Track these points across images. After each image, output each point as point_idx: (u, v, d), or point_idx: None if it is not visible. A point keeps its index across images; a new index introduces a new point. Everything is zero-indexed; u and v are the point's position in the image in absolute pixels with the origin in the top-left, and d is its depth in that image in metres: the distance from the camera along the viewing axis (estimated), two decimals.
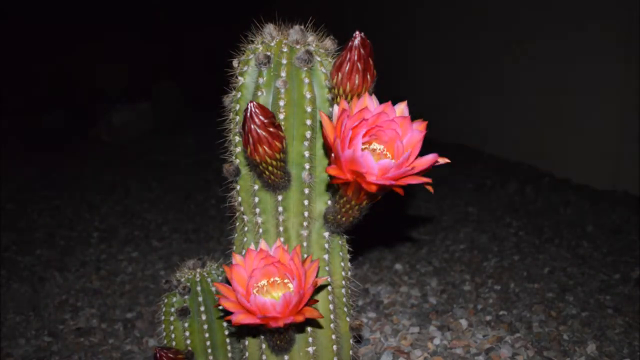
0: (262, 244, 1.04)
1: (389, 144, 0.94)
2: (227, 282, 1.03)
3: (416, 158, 0.91)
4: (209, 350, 1.37)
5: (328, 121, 0.94)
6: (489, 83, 4.02)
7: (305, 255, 1.15)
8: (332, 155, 0.94)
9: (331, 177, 0.97)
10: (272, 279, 1.01)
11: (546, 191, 3.31)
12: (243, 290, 0.98)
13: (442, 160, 0.93)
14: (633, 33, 2.93)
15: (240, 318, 0.95)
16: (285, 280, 1.01)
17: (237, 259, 1.02)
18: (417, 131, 0.92)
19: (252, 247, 1.13)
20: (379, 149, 0.94)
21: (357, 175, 0.90)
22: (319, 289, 1.17)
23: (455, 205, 3.21)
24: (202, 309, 1.36)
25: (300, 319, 0.97)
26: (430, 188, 0.95)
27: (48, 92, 6.39)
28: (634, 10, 2.91)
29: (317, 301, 1.09)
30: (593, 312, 1.97)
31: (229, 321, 1.15)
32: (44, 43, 6.38)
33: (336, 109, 0.95)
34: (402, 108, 0.95)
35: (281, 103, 1.06)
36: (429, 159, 0.91)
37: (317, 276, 1.04)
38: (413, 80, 4.74)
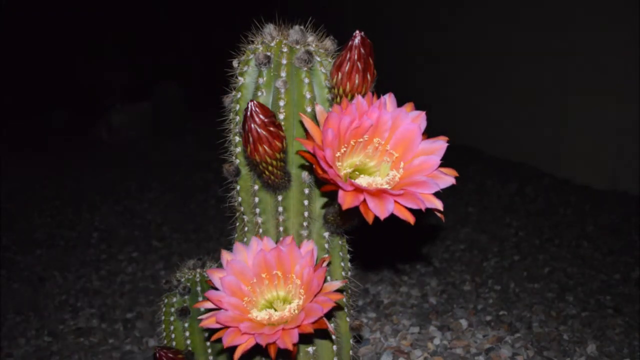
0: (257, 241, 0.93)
1: (396, 143, 0.90)
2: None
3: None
4: (209, 351, 1.37)
5: (313, 125, 0.87)
6: (490, 83, 4.02)
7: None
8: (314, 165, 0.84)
9: (322, 183, 0.89)
10: (273, 272, 0.91)
11: (546, 191, 3.31)
12: (237, 300, 0.82)
13: (450, 172, 0.89)
14: (634, 33, 2.93)
15: (230, 340, 0.82)
16: (289, 275, 0.91)
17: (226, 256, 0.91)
18: (440, 140, 0.88)
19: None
20: (381, 144, 0.91)
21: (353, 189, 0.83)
22: None
23: (456, 206, 3.20)
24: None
25: (308, 330, 0.85)
26: (440, 214, 0.89)
27: (48, 92, 6.39)
28: (635, 10, 2.91)
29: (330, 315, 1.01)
30: (593, 312, 1.97)
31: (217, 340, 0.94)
32: (44, 43, 6.38)
33: (318, 108, 0.89)
34: (410, 108, 0.93)
35: (281, 103, 1.06)
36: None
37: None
38: (413, 80, 4.74)
